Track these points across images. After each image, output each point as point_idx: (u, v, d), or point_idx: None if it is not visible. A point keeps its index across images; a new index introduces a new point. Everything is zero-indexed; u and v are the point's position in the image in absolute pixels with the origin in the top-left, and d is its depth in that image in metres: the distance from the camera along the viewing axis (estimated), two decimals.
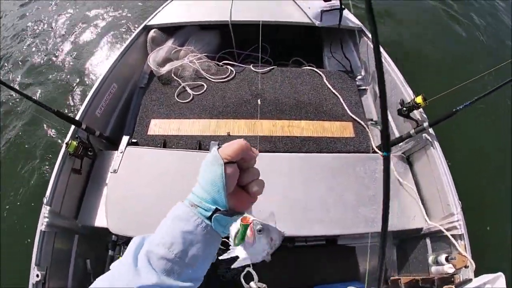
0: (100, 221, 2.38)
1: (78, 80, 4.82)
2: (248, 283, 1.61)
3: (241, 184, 0.71)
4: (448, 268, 2.16)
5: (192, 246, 0.64)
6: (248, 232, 0.67)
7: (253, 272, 1.58)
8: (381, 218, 0.64)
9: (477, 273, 2.07)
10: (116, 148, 2.22)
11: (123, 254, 2.23)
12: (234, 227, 0.68)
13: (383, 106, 0.38)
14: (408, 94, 2.86)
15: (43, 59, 5.28)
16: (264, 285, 1.58)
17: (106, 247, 2.48)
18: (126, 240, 2.42)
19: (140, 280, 0.60)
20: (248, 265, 1.53)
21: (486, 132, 4.38)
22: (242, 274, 1.58)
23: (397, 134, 2.98)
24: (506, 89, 2.24)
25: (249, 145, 0.69)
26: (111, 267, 0.67)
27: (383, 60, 3.15)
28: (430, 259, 2.40)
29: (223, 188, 0.64)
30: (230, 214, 0.67)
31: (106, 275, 0.65)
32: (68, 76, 4.89)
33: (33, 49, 5.50)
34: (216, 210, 0.65)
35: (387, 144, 0.38)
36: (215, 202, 0.65)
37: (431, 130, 2.59)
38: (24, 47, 5.55)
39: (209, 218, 0.65)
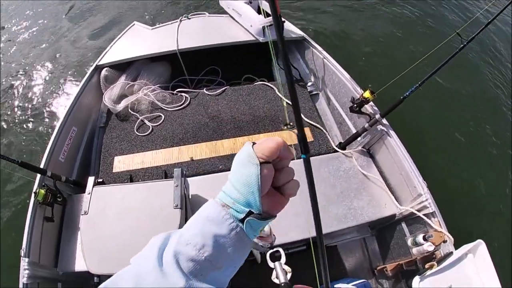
0: (79, 265, 2.37)
1: (36, 127, 4.75)
2: (273, 261, 1.52)
3: (275, 185, 0.65)
4: (428, 246, 2.23)
5: (224, 249, 0.60)
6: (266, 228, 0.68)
7: (283, 253, 1.50)
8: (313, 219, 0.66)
9: (457, 245, 2.17)
10: (84, 191, 2.24)
11: None
12: None
13: (295, 108, 0.42)
14: (356, 90, 3.01)
15: None
16: (289, 269, 1.47)
17: None
18: None
19: (168, 282, 0.56)
20: (281, 247, 1.50)
21: (434, 110, 4.69)
22: (269, 252, 1.51)
23: (353, 131, 3.13)
24: (445, 70, 2.42)
25: (286, 143, 0.63)
26: (131, 261, 0.64)
27: (328, 63, 3.35)
28: (409, 241, 2.49)
29: (258, 190, 0.59)
30: (264, 217, 0.62)
31: (130, 273, 0.61)
32: (26, 124, 4.80)
33: None
34: (250, 213, 0.61)
35: (304, 146, 0.43)
36: (249, 205, 0.61)
37: (384, 121, 2.74)
38: None
39: (241, 220, 0.61)
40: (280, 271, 1.42)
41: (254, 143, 0.63)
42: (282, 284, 1.32)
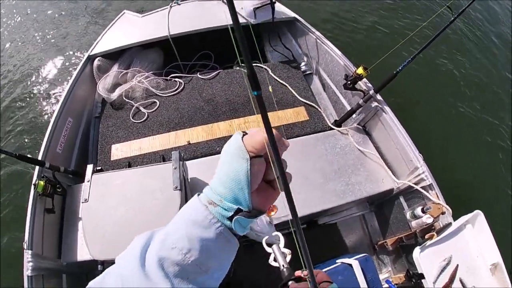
0: (82, 255, 2.38)
1: (32, 119, 4.70)
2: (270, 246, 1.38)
3: (266, 179, 0.61)
4: (427, 219, 2.27)
5: (211, 253, 0.58)
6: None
7: (281, 237, 1.36)
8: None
9: (455, 217, 2.21)
10: (83, 181, 2.24)
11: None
12: None
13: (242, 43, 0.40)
14: (349, 68, 3.02)
15: None
16: (289, 251, 1.32)
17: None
18: None
19: (151, 283, 0.55)
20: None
21: (427, 84, 4.72)
22: (265, 238, 1.39)
23: (348, 109, 3.14)
24: (438, 43, 2.42)
25: (279, 134, 0.58)
26: (116, 259, 0.62)
27: (320, 42, 3.34)
28: (408, 215, 2.54)
29: (247, 186, 0.56)
30: (253, 215, 0.58)
31: (115, 273, 0.60)
32: (22, 117, 4.75)
33: None
34: (238, 210, 0.57)
35: (256, 84, 0.41)
36: (237, 201, 0.57)
37: (378, 96, 2.76)
38: None
39: (230, 218, 0.58)
40: (279, 255, 1.33)
41: (244, 134, 0.60)
42: (284, 268, 1.23)
